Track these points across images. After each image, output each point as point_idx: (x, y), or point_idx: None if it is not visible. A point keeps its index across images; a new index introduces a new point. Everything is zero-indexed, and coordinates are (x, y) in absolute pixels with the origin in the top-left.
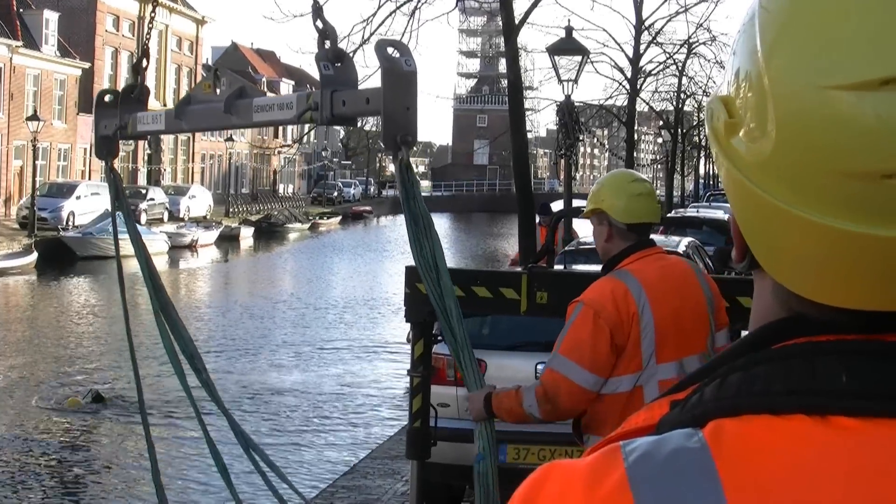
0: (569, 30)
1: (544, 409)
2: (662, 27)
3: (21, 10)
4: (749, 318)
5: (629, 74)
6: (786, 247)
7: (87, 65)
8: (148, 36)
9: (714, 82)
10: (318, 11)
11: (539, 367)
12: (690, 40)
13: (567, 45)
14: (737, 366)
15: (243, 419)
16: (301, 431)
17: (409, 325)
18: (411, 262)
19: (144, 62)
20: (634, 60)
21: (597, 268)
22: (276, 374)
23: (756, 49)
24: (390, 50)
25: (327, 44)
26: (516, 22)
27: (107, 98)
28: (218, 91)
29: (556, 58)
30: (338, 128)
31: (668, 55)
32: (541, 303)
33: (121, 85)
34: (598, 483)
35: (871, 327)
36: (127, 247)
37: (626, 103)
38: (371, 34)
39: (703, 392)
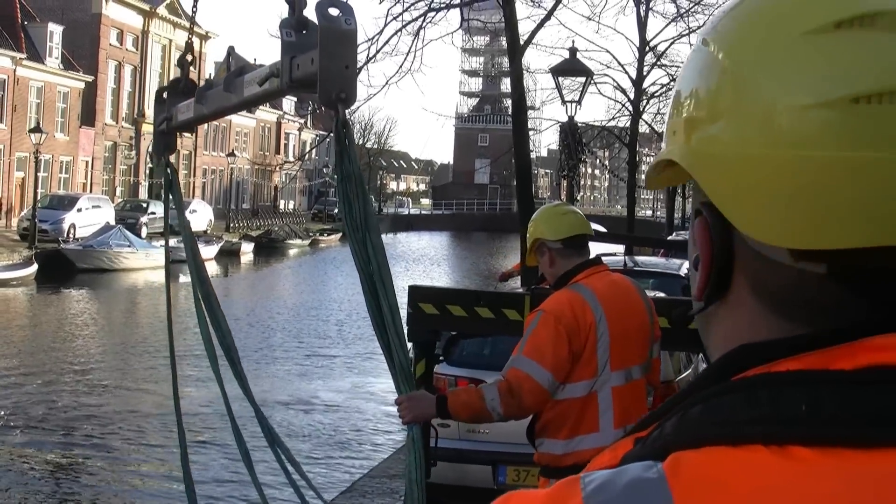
0: (573, 51)
1: (507, 403)
2: (666, 49)
3: (25, 22)
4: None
5: (632, 96)
6: (760, 197)
7: (90, 78)
8: (191, 32)
9: None
10: None
11: None
12: None
13: (571, 66)
14: (697, 399)
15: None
16: (298, 448)
17: (410, 343)
18: (414, 281)
19: (189, 57)
20: (638, 82)
21: None
22: (274, 389)
23: (711, 60)
24: (331, 10)
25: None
26: (521, 42)
27: (165, 95)
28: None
29: (560, 78)
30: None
31: (671, 77)
32: None
33: (123, 98)
34: None
35: (843, 337)
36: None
37: (628, 125)
38: (376, 52)
39: (663, 427)
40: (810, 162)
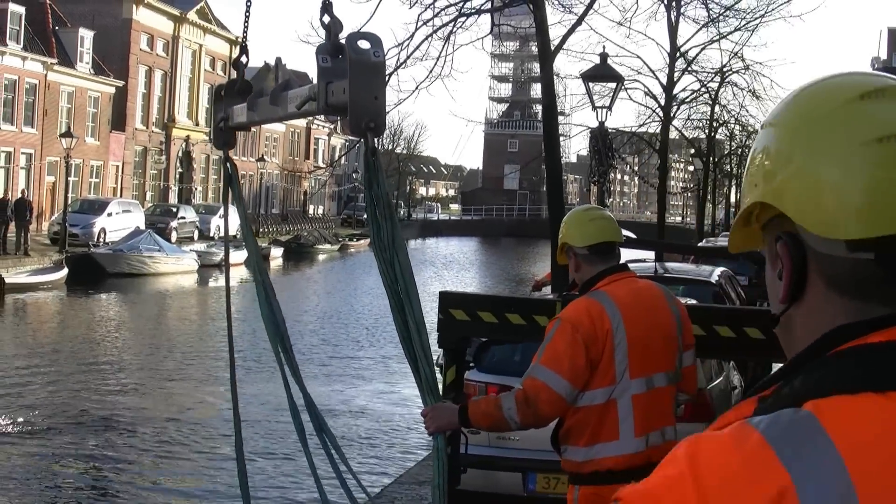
0: (603, 56)
1: (523, 412)
2: (697, 55)
3: (56, 27)
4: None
5: (662, 102)
6: (820, 209)
7: (120, 83)
8: (245, 33)
9: (747, 111)
10: (326, 7)
11: None
12: (724, 69)
13: (602, 72)
14: (813, 366)
15: (269, 435)
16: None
17: (440, 350)
18: (444, 287)
19: (244, 58)
20: (668, 88)
21: None
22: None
23: (775, 132)
24: (361, 42)
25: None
26: (552, 47)
27: (222, 93)
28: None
29: (591, 84)
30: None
31: (701, 83)
32: None
33: (154, 102)
34: (742, 443)
35: None
36: (160, 265)
37: (658, 130)
38: (407, 58)
39: (792, 385)
40: (846, 186)
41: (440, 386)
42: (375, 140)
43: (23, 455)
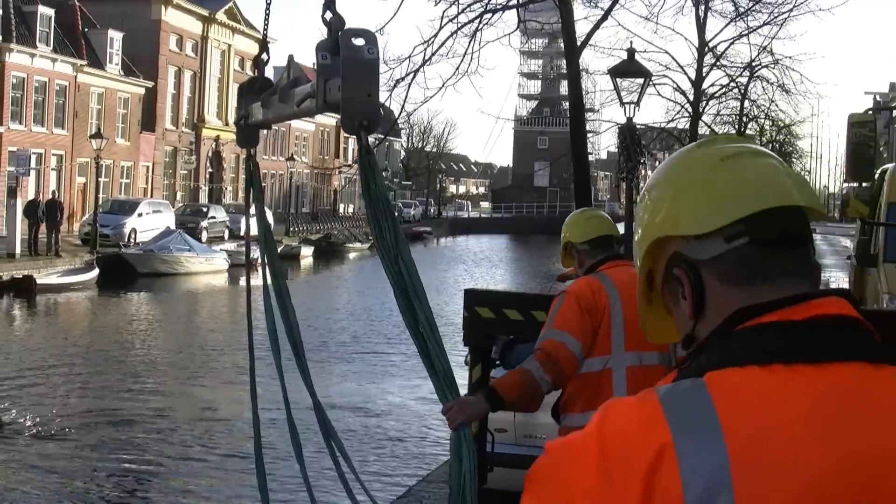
0: (631, 52)
1: (550, 369)
2: (725, 50)
3: (86, 29)
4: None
5: (691, 97)
6: (695, 217)
7: (150, 83)
8: (265, 30)
9: (777, 105)
10: (328, 3)
11: None
12: (753, 63)
13: (629, 68)
14: (715, 343)
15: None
16: (356, 451)
17: (467, 347)
18: (475, 284)
19: (265, 56)
20: (697, 83)
21: None
22: (332, 392)
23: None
24: (356, 39)
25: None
26: (578, 43)
27: (244, 90)
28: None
29: (618, 80)
30: (398, 148)
31: (730, 78)
32: None
33: (183, 103)
34: (643, 406)
35: (794, 302)
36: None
37: (687, 126)
38: (432, 55)
39: (697, 359)
40: (705, 191)
41: (468, 383)
42: (370, 138)
43: (53, 455)
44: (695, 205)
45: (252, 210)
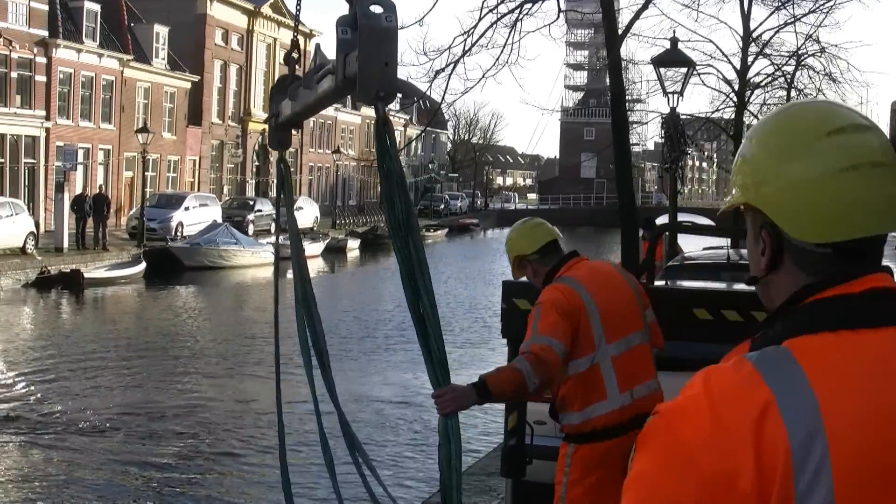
0: (674, 41)
1: (540, 370)
2: (770, 38)
3: (132, 24)
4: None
5: (736, 87)
6: (798, 218)
7: (196, 78)
8: (296, 31)
9: (824, 95)
10: None
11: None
12: (799, 52)
13: (672, 57)
14: (789, 313)
15: (335, 424)
16: (398, 444)
17: (504, 339)
18: (510, 277)
19: (295, 54)
20: (742, 72)
21: (701, 284)
22: (376, 382)
23: (750, 147)
24: (373, 7)
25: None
26: (619, 32)
27: (275, 90)
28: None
29: (662, 70)
30: (445, 140)
31: (776, 67)
32: None
33: (229, 97)
34: (740, 371)
35: (851, 278)
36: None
37: (733, 116)
38: (472, 45)
39: (772, 329)
40: (814, 204)
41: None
42: (386, 109)
43: (95, 448)
44: (799, 208)
45: (286, 213)
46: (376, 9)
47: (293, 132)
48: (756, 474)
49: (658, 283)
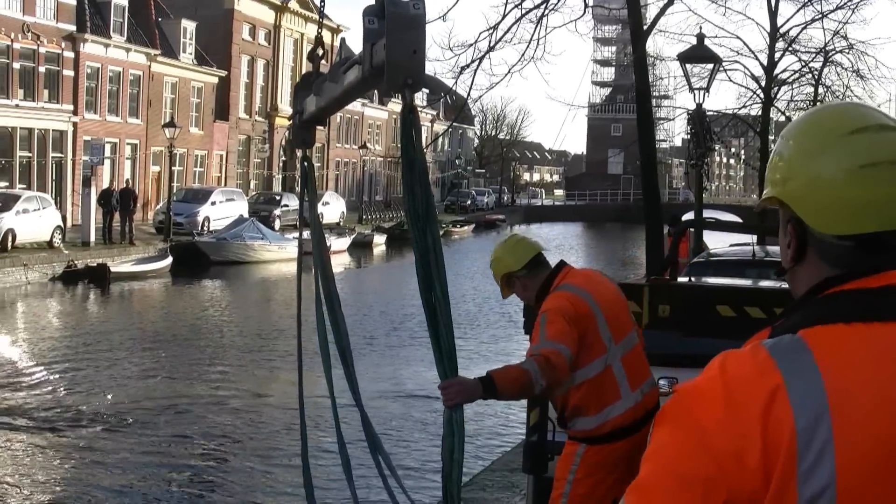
0: (700, 37)
1: (547, 374)
2: (798, 35)
3: (160, 19)
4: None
5: (763, 83)
6: (822, 213)
7: (223, 73)
8: (320, 26)
9: (851, 91)
10: None
11: (661, 381)
12: (827, 48)
13: (698, 53)
14: (808, 304)
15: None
16: (420, 438)
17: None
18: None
19: (320, 51)
20: (769, 69)
21: (727, 281)
22: (401, 377)
23: (786, 146)
24: None
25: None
26: (644, 28)
27: (299, 87)
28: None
29: (688, 66)
30: (472, 136)
31: (803, 63)
32: (662, 316)
33: (256, 92)
34: (755, 356)
35: (869, 273)
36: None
37: (760, 112)
38: (497, 41)
39: (790, 319)
40: (836, 199)
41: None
42: (413, 97)
43: (122, 448)
44: (821, 203)
45: (310, 213)
46: None
47: (318, 128)
48: (762, 452)
49: (682, 279)
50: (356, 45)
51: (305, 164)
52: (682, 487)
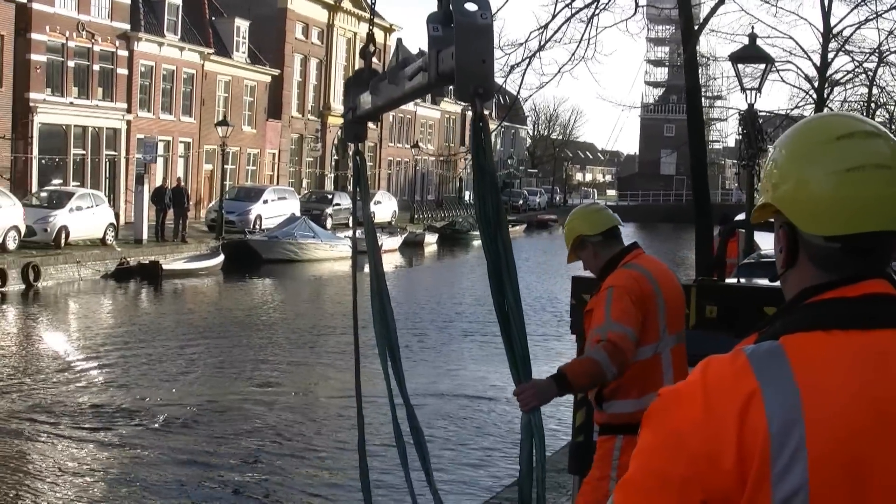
0: (752, 37)
1: (617, 361)
2: (851, 35)
3: (213, 18)
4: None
5: (816, 84)
6: (809, 215)
7: (276, 71)
8: (371, 23)
9: None
10: None
11: None
12: (881, 48)
13: (750, 53)
14: (791, 312)
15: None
16: (469, 437)
17: (573, 335)
18: (579, 273)
19: (371, 48)
20: (822, 69)
21: (778, 282)
22: (452, 377)
23: (779, 155)
24: (468, 5)
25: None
26: (695, 28)
27: (351, 84)
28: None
29: (740, 66)
30: (524, 136)
31: (857, 64)
32: (710, 317)
33: (309, 91)
34: (735, 361)
35: (850, 282)
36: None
37: (813, 113)
38: (547, 41)
39: (774, 325)
40: (823, 200)
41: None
42: (483, 106)
43: (170, 446)
44: (809, 205)
45: (362, 208)
46: (471, 6)
47: (370, 125)
48: (737, 455)
49: (730, 280)
50: (411, 44)
51: (357, 158)
52: (661, 486)
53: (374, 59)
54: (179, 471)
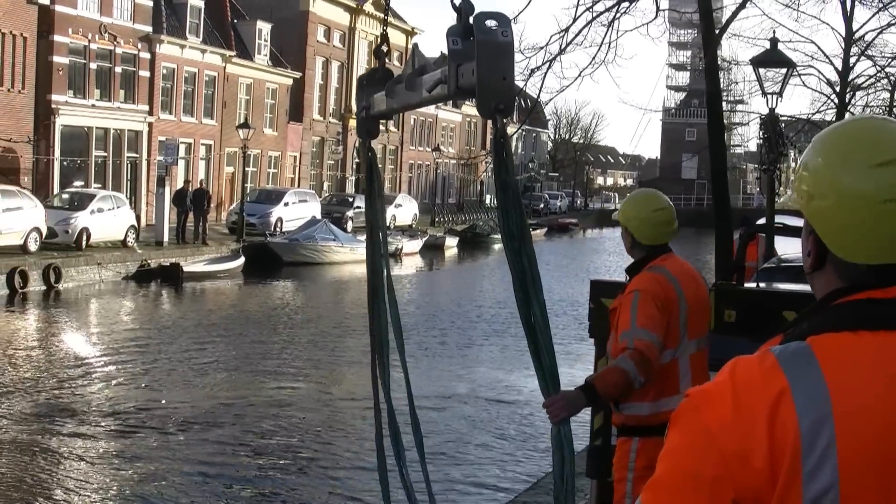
0: (773, 41)
1: (644, 369)
2: (873, 39)
3: (235, 20)
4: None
5: (838, 88)
6: (837, 238)
7: (297, 74)
8: (385, 23)
9: None
10: None
11: None
12: None
13: (771, 57)
14: (819, 312)
15: (433, 421)
16: (486, 442)
17: (591, 338)
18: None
19: (385, 47)
20: (843, 74)
21: (797, 287)
22: (472, 380)
23: (816, 165)
24: (489, 22)
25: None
26: (716, 32)
27: (365, 82)
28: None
29: (762, 70)
30: (545, 139)
31: (879, 68)
32: (728, 321)
33: (330, 93)
34: (763, 361)
35: (880, 285)
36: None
37: (834, 118)
38: (567, 44)
39: (801, 326)
40: (857, 230)
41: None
42: (504, 123)
43: (189, 447)
44: (841, 230)
45: (376, 203)
46: (492, 24)
47: (392, 129)
48: (768, 454)
49: (749, 284)
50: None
51: (369, 153)
52: (692, 486)
53: (396, 63)
54: (199, 470)
